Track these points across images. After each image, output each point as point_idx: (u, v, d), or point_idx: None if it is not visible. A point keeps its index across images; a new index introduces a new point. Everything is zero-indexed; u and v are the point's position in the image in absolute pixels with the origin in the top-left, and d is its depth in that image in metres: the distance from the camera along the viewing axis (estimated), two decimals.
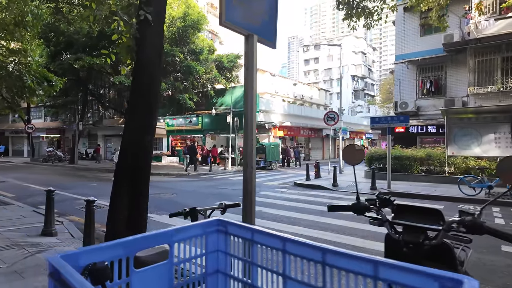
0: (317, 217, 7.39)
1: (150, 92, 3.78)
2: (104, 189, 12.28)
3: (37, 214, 7.01)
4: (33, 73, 8.33)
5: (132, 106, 3.76)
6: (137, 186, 3.59)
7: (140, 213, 3.60)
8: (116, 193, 3.58)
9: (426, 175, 12.77)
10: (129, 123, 3.70)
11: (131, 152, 3.59)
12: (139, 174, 3.62)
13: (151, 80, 3.79)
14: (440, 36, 16.65)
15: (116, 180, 3.64)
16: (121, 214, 3.49)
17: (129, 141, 3.61)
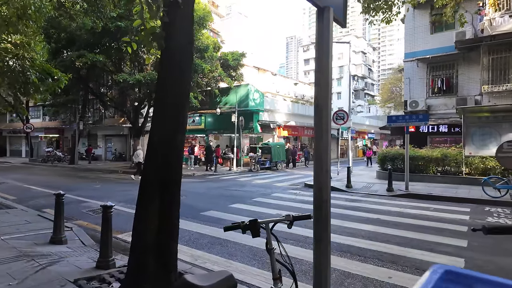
0: (341, 221, 6.94)
1: (181, 84, 3.33)
2: (109, 191, 11.83)
3: (43, 219, 6.52)
4: (37, 68, 7.85)
5: (161, 101, 3.30)
6: (169, 191, 3.13)
7: (173, 222, 3.14)
8: (145, 199, 3.11)
9: (442, 176, 12.37)
10: (158, 121, 3.24)
11: (161, 153, 3.12)
12: (171, 177, 3.15)
13: (182, 70, 3.34)
14: (452, 33, 16.28)
15: (144, 185, 3.17)
16: (151, 224, 3.03)
17: (159, 141, 3.15)
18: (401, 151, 13.74)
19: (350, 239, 5.67)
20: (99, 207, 8.64)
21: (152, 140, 3.20)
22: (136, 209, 3.20)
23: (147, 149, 3.28)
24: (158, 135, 3.17)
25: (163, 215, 3.07)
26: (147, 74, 15.41)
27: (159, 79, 3.41)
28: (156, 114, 3.27)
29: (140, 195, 3.17)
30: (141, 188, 3.18)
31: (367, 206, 8.69)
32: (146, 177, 3.16)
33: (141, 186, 3.19)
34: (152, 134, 3.23)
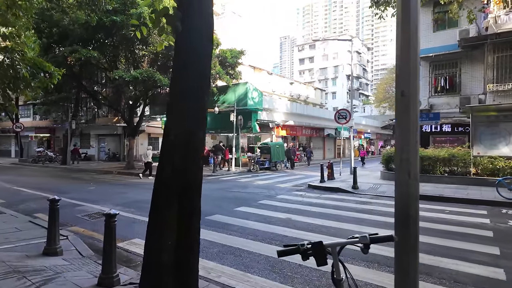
0: (358, 226, 6.53)
1: (201, 73, 2.84)
2: (105, 193, 11.21)
3: (35, 225, 5.96)
4: (28, 62, 7.26)
5: (177, 94, 2.80)
6: (188, 197, 2.64)
7: (193, 235, 2.65)
8: (160, 207, 2.62)
9: (450, 176, 12.06)
10: (174, 117, 2.75)
11: (179, 153, 2.63)
12: (190, 181, 2.67)
13: (201, 56, 2.86)
14: (455, 31, 16.06)
15: (159, 191, 2.67)
16: (168, 237, 2.54)
17: (177, 140, 2.66)
18: None
19: (373, 246, 5.21)
20: (95, 211, 8.13)
21: (167, 138, 2.71)
22: (150, 219, 2.70)
23: (162, 149, 2.79)
24: (175, 133, 2.68)
25: (182, 226, 2.59)
26: (144, 71, 14.82)
27: (175, 69, 2.92)
28: (171, 109, 2.78)
29: (155, 202, 2.68)
30: (156, 195, 2.68)
31: (380, 209, 8.28)
32: (161, 181, 2.67)
33: (155, 192, 2.70)
34: (167, 132, 2.74)
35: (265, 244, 5.37)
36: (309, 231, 6.14)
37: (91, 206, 8.59)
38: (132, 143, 19.31)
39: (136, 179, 15.39)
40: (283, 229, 6.30)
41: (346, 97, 71.35)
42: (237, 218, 7.25)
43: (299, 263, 4.49)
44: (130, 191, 11.59)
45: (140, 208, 8.36)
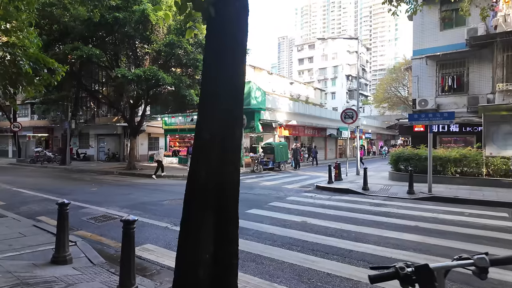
0: (378, 230, 6.22)
1: (237, 64, 2.53)
2: (108, 194, 10.84)
3: (40, 230, 5.62)
4: (30, 58, 6.91)
5: (211, 88, 2.49)
6: (226, 205, 2.32)
7: (233, 248, 2.33)
8: (195, 215, 2.30)
9: (462, 177, 11.81)
10: (209, 113, 2.43)
11: (216, 155, 2.31)
12: (228, 186, 2.35)
13: (237, 44, 2.54)
14: (462, 30, 15.85)
15: (192, 198, 2.35)
16: (205, 251, 2.22)
17: (213, 139, 2.34)
18: (416, 151, 13.14)
19: (400, 252, 4.94)
20: (100, 214, 7.78)
21: (201, 138, 2.39)
22: (182, 229, 2.38)
23: (194, 151, 2.46)
24: (210, 132, 2.36)
25: (220, 237, 2.27)
26: (147, 69, 14.46)
27: (207, 60, 2.60)
28: (205, 105, 2.46)
29: (188, 210, 2.35)
30: (188, 201, 2.36)
31: (396, 211, 8.00)
32: (194, 185, 2.35)
33: (188, 199, 2.38)
34: (200, 131, 2.42)
35: (286, 250, 5.06)
36: (328, 236, 5.83)
37: (96, 209, 8.24)
38: (134, 143, 18.94)
39: (138, 180, 15.03)
40: (300, 233, 6.00)
41: (346, 97, 71.21)
42: (251, 221, 6.93)
43: (328, 271, 4.19)
44: (134, 192, 11.25)
45: (147, 210, 8.03)
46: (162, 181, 14.74)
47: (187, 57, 15.69)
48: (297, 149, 21.25)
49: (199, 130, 2.43)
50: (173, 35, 14.90)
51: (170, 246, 5.28)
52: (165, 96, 18.00)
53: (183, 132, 25.47)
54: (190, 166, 2.44)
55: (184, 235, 2.33)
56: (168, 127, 26.41)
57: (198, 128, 2.44)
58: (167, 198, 9.85)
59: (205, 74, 2.57)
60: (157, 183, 13.92)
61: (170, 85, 15.28)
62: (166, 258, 4.71)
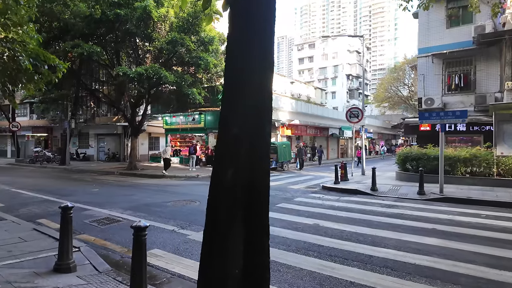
0: (395, 233, 5.95)
1: (265, 53, 2.25)
2: (110, 195, 10.51)
3: (41, 234, 5.33)
4: (30, 54, 6.62)
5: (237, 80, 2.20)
6: (256, 211, 2.04)
7: (264, 261, 2.05)
8: (221, 226, 2.01)
9: (472, 177, 11.55)
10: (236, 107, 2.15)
11: (246, 153, 2.03)
12: (259, 189, 2.07)
13: (265, 33, 2.26)
14: (469, 27, 15.61)
15: (217, 202, 2.07)
16: (234, 265, 1.94)
17: (242, 135, 2.06)
18: (424, 150, 12.88)
19: (424, 258, 4.66)
20: (103, 216, 7.49)
21: (227, 133, 2.11)
22: (206, 239, 2.09)
23: (219, 149, 2.17)
24: (238, 125, 2.07)
25: (251, 248, 1.99)
26: (149, 67, 14.15)
27: (232, 49, 2.31)
28: (231, 98, 2.18)
29: (212, 217, 2.07)
30: (213, 206, 2.07)
31: (410, 212, 7.73)
32: (220, 188, 2.06)
33: (212, 203, 2.09)
34: (226, 125, 2.14)
35: (302, 256, 4.78)
36: (344, 240, 5.56)
37: (98, 211, 7.95)
38: (135, 143, 18.64)
39: (140, 180, 14.74)
40: (315, 237, 5.72)
41: (346, 97, 70.95)
42: None
43: (350, 279, 3.91)
44: (137, 193, 10.96)
45: (151, 212, 7.75)
46: (164, 181, 14.45)
47: (189, 55, 15.39)
48: (301, 148, 20.82)
49: (224, 125, 2.14)
50: (175, 33, 14.60)
51: (178, 251, 5.00)
52: (167, 95, 17.70)
53: (185, 131, 25.15)
54: (214, 167, 2.16)
55: (208, 246, 2.05)
56: (169, 127, 26.08)
57: (223, 123, 2.15)
58: (171, 199, 9.56)
59: (230, 65, 2.28)
60: (159, 183, 13.62)
61: (172, 84, 14.97)
62: (176, 265, 4.44)
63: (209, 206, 2.10)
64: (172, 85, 15.92)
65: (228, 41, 2.34)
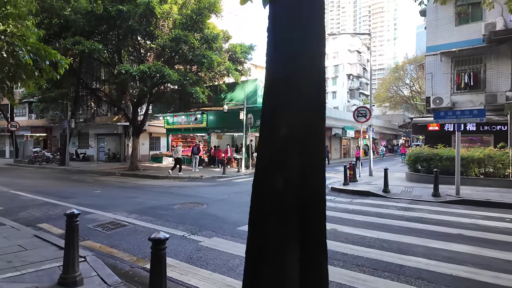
0: (420, 239, 5.59)
1: (317, 35, 1.87)
2: (113, 197, 10.05)
3: (42, 242, 4.94)
4: (30, 48, 6.23)
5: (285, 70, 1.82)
6: (313, 227, 1.67)
7: (323, 285, 1.67)
8: (272, 248, 1.64)
9: (486, 178, 11.21)
10: (283, 101, 1.77)
11: (298, 155, 1.66)
12: (314, 198, 1.70)
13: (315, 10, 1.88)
14: (479, 25, 15.29)
15: (263, 218, 1.69)
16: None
17: (293, 134, 1.68)
18: (436, 151, 12.53)
19: (459, 268, 4.29)
20: (107, 220, 7.10)
21: (275, 132, 1.73)
22: (251, 262, 1.71)
23: (265, 150, 1.80)
24: (288, 125, 1.70)
25: (308, 272, 1.62)
26: (152, 65, 13.74)
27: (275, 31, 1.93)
28: (278, 92, 1.80)
29: (259, 234, 1.70)
30: (260, 223, 1.70)
31: (429, 216, 7.37)
32: (267, 197, 1.69)
33: (257, 216, 1.71)
34: (273, 125, 1.76)
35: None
36: (368, 247, 5.19)
37: (101, 214, 7.57)
38: (136, 143, 18.23)
39: (143, 181, 14.34)
40: (336, 244, 5.35)
41: (347, 97, 70.66)
42: None
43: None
44: (141, 195, 10.57)
45: (158, 216, 7.36)
46: (167, 182, 14.06)
47: (192, 53, 14.99)
48: None
49: (270, 125, 1.76)
50: (179, 30, 14.19)
51: (192, 261, 4.62)
52: (170, 93, 17.29)
53: (187, 131, 24.78)
54: (258, 174, 1.79)
55: (255, 270, 1.67)
56: (171, 127, 25.71)
57: (269, 122, 1.78)
58: (177, 201, 9.18)
59: (274, 52, 1.90)
60: (163, 185, 13.23)
61: (175, 82, 14.55)
62: (192, 276, 4.06)
63: (253, 223, 1.73)
64: (174, 84, 15.52)
65: (270, 23, 1.96)
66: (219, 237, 5.72)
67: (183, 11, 14.67)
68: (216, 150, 21.10)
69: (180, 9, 14.75)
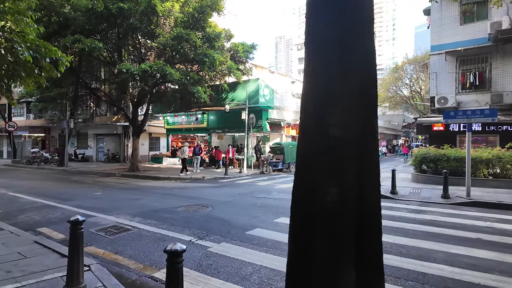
0: (438, 244, 5.36)
1: (365, 20, 1.63)
2: (115, 199, 9.74)
3: (43, 248, 4.68)
4: (30, 45, 5.96)
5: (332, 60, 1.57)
6: (369, 244, 1.43)
7: None
8: (320, 267, 1.39)
9: (495, 179, 11.00)
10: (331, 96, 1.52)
11: (353, 161, 1.41)
12: (370, 211, 1.46)
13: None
14: (484, 24, 15.11)
15: (312, 233, 1.44)
16: None
17: (346, 136, 1.44)
18: (443, 151, 12.33)
19: (486, 276, 4.06)
20: (110, 224, 6.83)
21: (323, 135, 1.49)
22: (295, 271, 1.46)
23: (310, 155, 1.55)
24: (340, 124, 1.46)
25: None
26: (153, 64, 13.47)
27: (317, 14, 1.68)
28: (326, 85, 1.55)
29: (306, 252, 1.44)
30: (307, 238, 1.45)
31: (442, 218, 7.15)
32: (319, 213, 1.44)
33: (304, 234, 1.46)
34: (320, 124, 1.51)
35: None
36: (386, 253, 4.92)
37: (104, 217, 7.30)
38: (137, 143, 17.95)
39: (144, 183, 14.06)
40: None
41: None
42: (285, 233, 5.97)
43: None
44: (143, 197, 10.30)
45: (162, 219, 7.10)
46: (169, 183, 13.79)
47: (194, 51, 14.73)
48: None
49: (316, 123, 1.52)
50: (180, 28, 13.92)
51: (202, 268, 4.37)
52: (171, 93, 17.02)
53: (188, 132, 24.52)
54: (302, 182, 1.54)
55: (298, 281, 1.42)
56: (171, 127, 25.44)
57: (313, 114, 1.53)
58: (180, 204, 8.92)
59: (318, 37, 1.65)
60: (165, 186, 12.97)
61: (177, 81, 14.28)
62: (203, 286, 3.82)
63: (298, 235, 1.48)
64: (175, 83, 15.25)
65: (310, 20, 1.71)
66: (228, 243, 5.46)
67: (185, 9, 14.41)
68: (216, 150, 20.83)
69: (182, 7, 14.48)
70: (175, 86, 16.48)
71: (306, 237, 1.45)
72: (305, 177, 1.51)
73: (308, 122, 1.54)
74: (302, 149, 1.59)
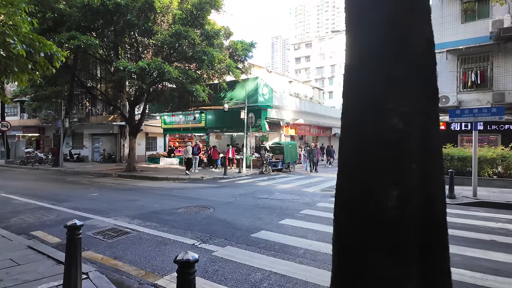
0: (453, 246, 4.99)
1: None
2: (112, 201, 9.39)
3: (37, 254, 4.38)
4: (23, 39, 5.65)
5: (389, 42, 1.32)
6: (435, 261, 1.18)
7: None
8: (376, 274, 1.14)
9: (500, 179, 10.85)
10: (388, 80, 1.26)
11: (416, 161, 1.16)
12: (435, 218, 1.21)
13: None
14: (486, 22, 15.00)
15: (366, 244, 1.19)
16: None
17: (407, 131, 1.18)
18: (446, 151, 12.16)
19: (508, 281, 3.86)
20: (108, 227, 6.53)
21: (381, 127, 1.23)
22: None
23: (362, 151, 1.29)
24: (401, 114, 1.20)
25: None
26: (151, 62, 13.15)
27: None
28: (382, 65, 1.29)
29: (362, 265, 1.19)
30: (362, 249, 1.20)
31: (452, 220, 6.90)
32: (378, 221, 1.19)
33: (359, 245, 1.21)
34: (376, 114, 1.26)
35: None
36: (466, 269, 4.71)
37: (101, 220, 7.00)
38: (133, 143, 17.61)
39: (141, 183, 13.74)
40: None
41: None
42: (291, 236, 5.80)
43: None
44: (141, 198, 10.00)
45: (163, 221, 6.82)
46: (167, 184, 13.49)
47: (193, 49, 14.42)
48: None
49: (372, 114, 1.26)
50: (179, 25, 13.62)
51: (208, 275, 4.10)
52: (169, 92, 16.70)
53: (186, 131, 24.20)
54: (351, 183, 1.29)
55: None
56: (168, 126, 25.10)
57: (368, 108, 1.27)
58: (180, 205, 8.64)
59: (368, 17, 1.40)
60: (163, 186, 12.67)
61: (175, 79, 13.97)
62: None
63: (347, 250, 1.22)
64: (172, 82, 14.93)
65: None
66: (233, 246, 5.20)
67: (183, 5, 14.10)
68: (213, 150, 20.53)
69: (180, 3, 14.17)
70: (173, 84, 16.15)
71: (358, 249, 1.20)
72: (357, 178, 1.25)
73: (359, 111, 1.29)
74: (342, 143, 1.34)
